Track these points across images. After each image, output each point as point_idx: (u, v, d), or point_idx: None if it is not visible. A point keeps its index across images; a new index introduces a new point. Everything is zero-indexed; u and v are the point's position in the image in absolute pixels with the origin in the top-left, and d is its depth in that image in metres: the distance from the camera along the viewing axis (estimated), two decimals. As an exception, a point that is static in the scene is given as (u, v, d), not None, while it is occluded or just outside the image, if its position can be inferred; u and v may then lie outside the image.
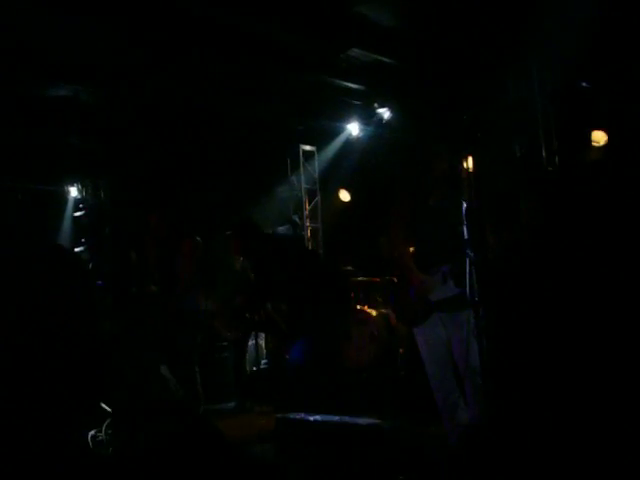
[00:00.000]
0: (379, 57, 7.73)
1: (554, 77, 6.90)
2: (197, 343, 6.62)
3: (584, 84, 6.38)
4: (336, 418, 3.64)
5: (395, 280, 4.80)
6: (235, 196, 10.19)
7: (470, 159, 3.86)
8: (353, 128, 9.92)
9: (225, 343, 9.01)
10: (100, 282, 8.43)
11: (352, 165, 10.15)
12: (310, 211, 10.68)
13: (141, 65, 7.43)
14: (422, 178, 4.65)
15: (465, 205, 3.84)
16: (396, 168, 8.96)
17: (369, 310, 8.35)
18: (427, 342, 4.41)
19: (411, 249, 4.86)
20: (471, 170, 3.83)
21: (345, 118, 9.84)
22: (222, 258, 7.86)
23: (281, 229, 10.40)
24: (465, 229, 3.81)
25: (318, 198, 10.74)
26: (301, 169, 10.64)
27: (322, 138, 10.47)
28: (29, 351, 3.62)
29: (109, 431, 4.13)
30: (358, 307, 8.66)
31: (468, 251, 3.66)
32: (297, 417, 3.91)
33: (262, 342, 8.74)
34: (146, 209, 6.79)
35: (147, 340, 5.96)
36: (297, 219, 10.47)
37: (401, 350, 7.58)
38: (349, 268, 8.97)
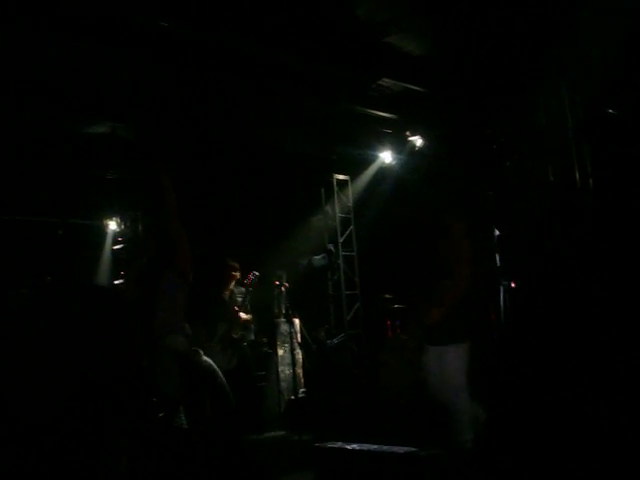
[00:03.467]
0: (410, 86, 7.79)
1: (585, 100, 6.89)
2: None
3: (611, 111, 6.37)
4: (374, 447, 3.66)
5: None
6: (270, 227, 10.28)
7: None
8: (386, 156, 9.97)
9: (263, 372, 9.07)
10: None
11: (386, 193, 10.19)
12: (345, 239, 10.72)
13: (176, 100, 7.58)
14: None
15: (497, 232, 3.89)
16: (429, 195, 8.99)
17: (405, 336, 8.35)
18: None
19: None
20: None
21: (378, 147, 9.90)
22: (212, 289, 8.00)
23: (317, 258, 10.46)
24: (497, 256, 3.85)
25: (352, 227, 10.79)
26: (335, 198, 10.70)
27: (355, 167, 10.54)
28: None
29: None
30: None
31: (501, 279, 3.70)
32: (335, 446, 3.94)
33: (300, 371, 8.77)
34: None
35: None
36: (332, 248, 10.51)
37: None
38: (386, 296, 8.99)
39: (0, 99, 6.96)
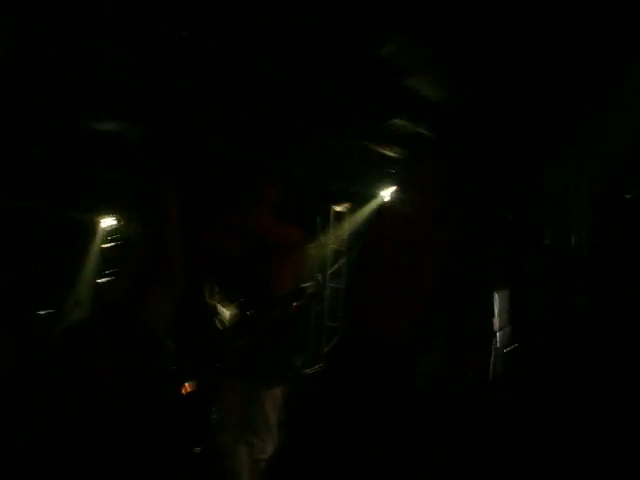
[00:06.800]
0: (420, 129, 7.84)
1: (598, 177, 6.94)
2: None
3: (628, 196, 6.41)
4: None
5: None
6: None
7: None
8: (386, 195, 9.99)
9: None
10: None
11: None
12: (334, 271, 10.69)
13: (187, 113, 7.59)
14: None
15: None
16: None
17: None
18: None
19: None
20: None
21: (380, 184, 9.91)
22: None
23: (304, 286, 10.40)
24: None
25: (344, 259, 10.77)
26: (330, 229, 10.68)
27: (355, 200, 10.54)
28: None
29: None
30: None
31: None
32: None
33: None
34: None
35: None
36: (320, 278, 10.47)
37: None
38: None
39: (13, 86, 6.95)
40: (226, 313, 7.32)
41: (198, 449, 6.04)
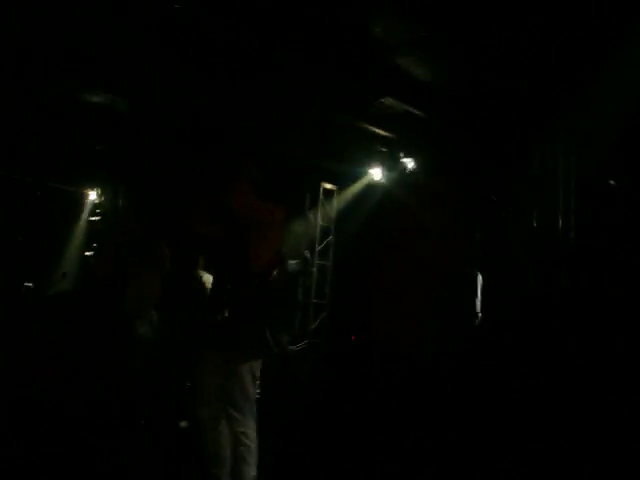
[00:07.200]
0: (410, 108, 7.84)
1: (583, 162, 6.96)
2: None
3: (611, 182, 6.43)
4: None
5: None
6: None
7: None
8: (376, 173, 10.00)
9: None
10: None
11: (370, 209, 10.20)
12: (322, 249, 10.71)
13: (176, 89, 7.55)
14: None
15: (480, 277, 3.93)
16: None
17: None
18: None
19: None
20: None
21: (369, 163, 9.93)
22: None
23: (291, 263, 10.42)
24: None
25: (332, 237, 10.79)
26: (319, 206, 10.67)
27: (344, 178, 10.53)
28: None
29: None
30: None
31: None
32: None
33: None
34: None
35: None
36: (308, 255, 10.48)
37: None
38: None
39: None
40: (209, 283, 7.37)
41: (184, 423, 6.06)
